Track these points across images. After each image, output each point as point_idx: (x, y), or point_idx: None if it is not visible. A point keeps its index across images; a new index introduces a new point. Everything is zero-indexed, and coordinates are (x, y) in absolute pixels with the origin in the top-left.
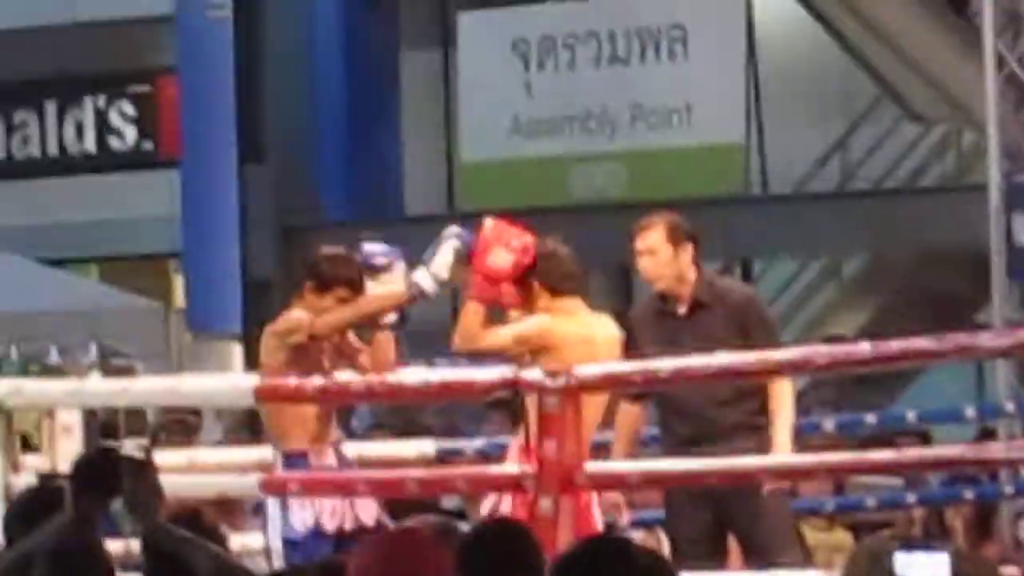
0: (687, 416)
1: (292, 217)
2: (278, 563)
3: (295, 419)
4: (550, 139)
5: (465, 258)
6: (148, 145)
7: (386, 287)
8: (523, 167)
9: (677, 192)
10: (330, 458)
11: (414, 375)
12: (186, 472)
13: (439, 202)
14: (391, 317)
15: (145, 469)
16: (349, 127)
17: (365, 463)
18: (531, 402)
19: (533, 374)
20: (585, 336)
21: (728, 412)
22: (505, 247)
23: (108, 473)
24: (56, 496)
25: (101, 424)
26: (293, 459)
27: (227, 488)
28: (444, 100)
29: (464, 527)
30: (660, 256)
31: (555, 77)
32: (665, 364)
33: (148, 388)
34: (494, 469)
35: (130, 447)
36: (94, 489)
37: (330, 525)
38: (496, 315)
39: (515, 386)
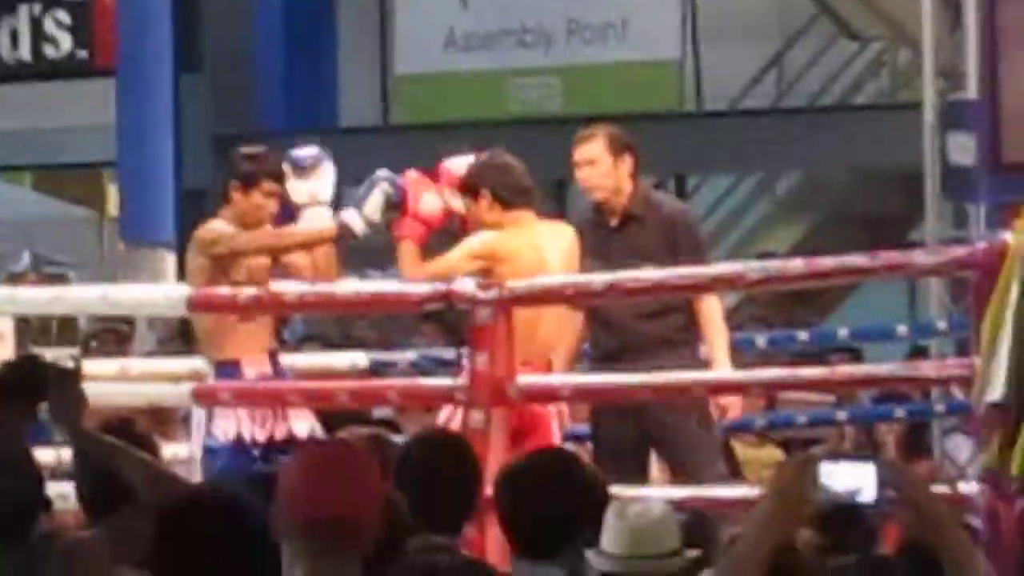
0: (611, 329)
1: (227, 126)
2: (197, 472)
3: (228, 329)
4: (486, 53)
5: (394, 204)
6: (83, 53)
7: (313, 185)
8: (458, 81)
9: (613, 107)
10: (265, 368)
11: (347, 286)
12: (118, 381)
13: (374, 114)
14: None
15: (69, 377)
16: (286, 37)
17: (298, 375)
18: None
19: (465, 285)
20: (535, 248)
21: (652, 325)
22: (434, 191)
23: (32, 380)
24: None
25: (33, 332)
26: (226, 368)
27: (159, 397)
28: (380, 12)
29: (395, 439)
30: (599, 167)
31: None
32: (598, 278)
33: (81, 296)
34: (426, 381)
35: (60, 356)
36: (18, 396)
37: (259, 436)
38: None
39: (448, 298)
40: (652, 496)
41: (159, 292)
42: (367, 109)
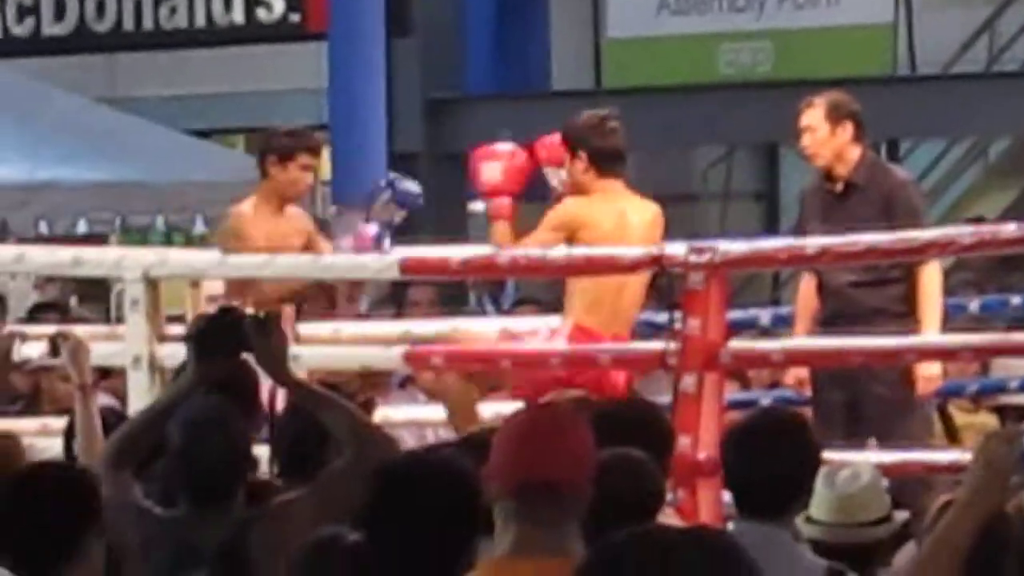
0: (828, 294)
1: (438, 90)
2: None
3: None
4: (698, 16)
5: (401, 203)
6: (295, 17)
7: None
8: (670, 45)
9: (824, 72)
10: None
11: (558, 251)
12: (330, 344)
13: (586, 78)
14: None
15: (267, 324)
16: (497, 1)
17: (511, 338)
18: None
19: (677, 249)
20: (618, 214)
21: (869, 294)
22: (489, 159)
23: (233, 331)
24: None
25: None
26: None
27: (370, 361)
28: None
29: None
30: (818, 133)
31: None
32: (811, 242)
33: (293, 261)
34: (638, 346)
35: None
36: (220, 348)
37: None
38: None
39: (659, 263)
40: (860, 462)
41: (371, 256)
42: (578, 73)
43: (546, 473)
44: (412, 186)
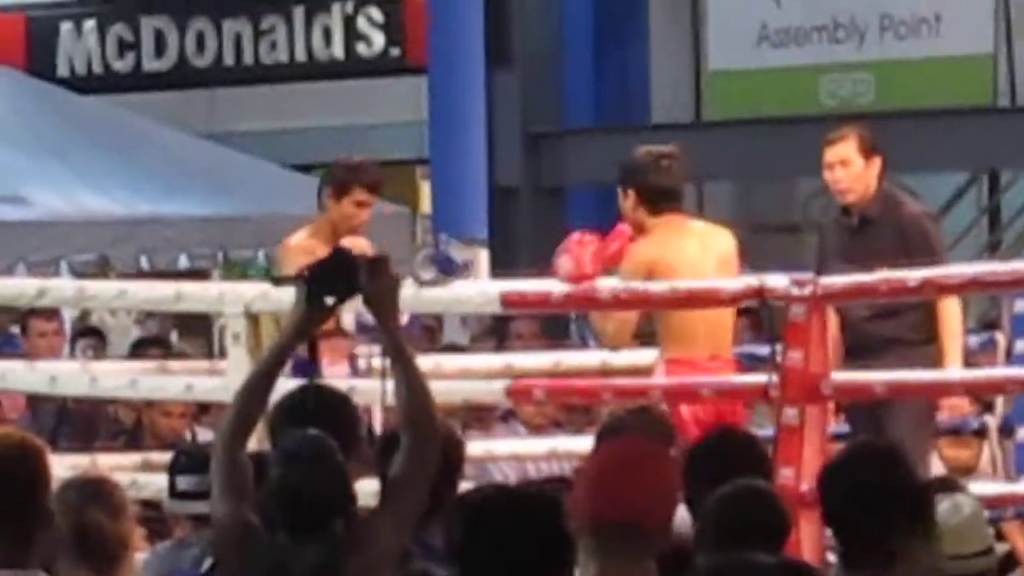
0: (847, 329)
1: (538, 124)
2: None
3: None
4: (798, 48)
5: (447, 273)
6: (395, 51)
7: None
8: (770, 76)
9: (925, 102)
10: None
11: (660, 285)
12: (432, 378)
13: (686, 111)
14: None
15: (381, 264)
16: (596, 34)
17: (611, 371)
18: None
19: (779, 281)
20: (689, 256)
21: (882, 325)
22: (563, 255)
23: (346, 270)
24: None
25: None
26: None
27: (473, 394)
28: (692, 8)
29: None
30: (852, 168)
31: None
32: (912, 274)
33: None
34: (739, 378)
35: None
36: (333, 287)
37: None
38: None
39: (761, 295)
40: (960, 494)
41: (473, 289)
42: (679, 105)
43: (624, 511)
44: (456, 255)
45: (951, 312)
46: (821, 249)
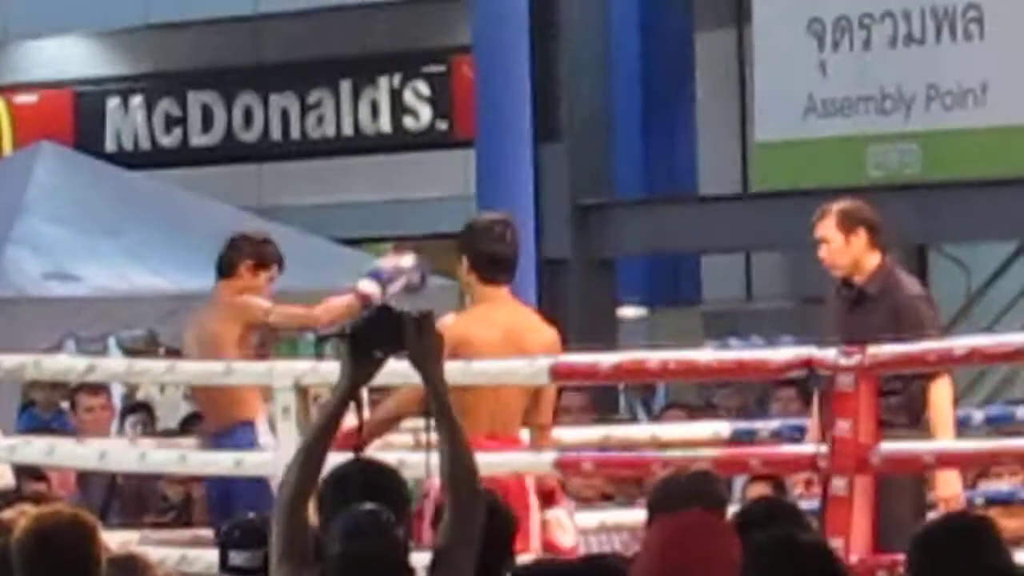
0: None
1: (586, 196)
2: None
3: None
4: (844, 119)
5: (417, 289)
6: (443, 125)
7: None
8: (817, 147)
9: (971, 172)
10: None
11: (708, 354)
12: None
13: (733, 182)
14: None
15: (426, 322)
16: (644, 106)
17: (660, 444)
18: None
19: (827, 353)
20: (504, 332)
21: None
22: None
23: (390, 329)
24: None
25: None
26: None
27: (522, 466)
28: (739, 79)
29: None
30: (833, 244)
31: (850, 57)
32: (959, 343)
33: (446, 368)
34: (788, 449)
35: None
36: (377, 344)
37: None
38: None
39: (809, 365)
40: None
41: (523, 361)
42: (726, 177)
43: None
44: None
45: (940, 392)
46: (824, 320)
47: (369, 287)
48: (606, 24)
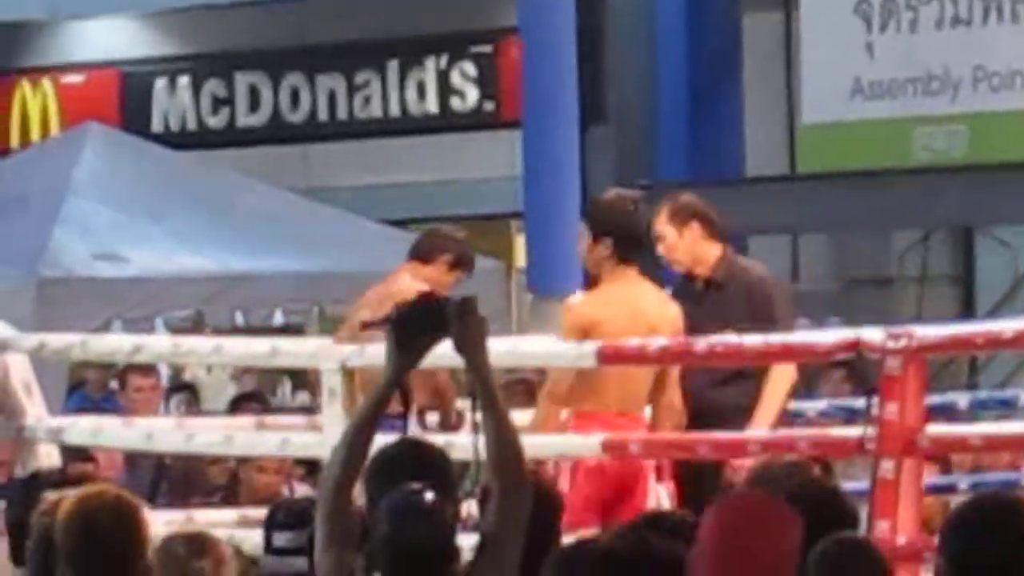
0: (690, 395)
1: (632, 178)
2: None
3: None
4: (891, 101)
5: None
6: (490, 106)
7: None
8: (864, 129)
9: (1019, 154)
10: None
11: (755, 338)
12: (527, 432)
13: (780, 164)
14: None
15: (469, 307)
16: (690, 88)
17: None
18: None
19: (874, 335)
20: (633, 312)
21: (728, 392)
22: None
23: (434, 314)
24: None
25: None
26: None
27: (569, 449)
28: (785, 62)
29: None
30: (667, 240)
31: (897, 39)
32: (1008, 326)
33: (492, 351)
34: (836, 431)
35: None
36: (422, 330)
37: None
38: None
39: (857, 348)
40: None
41: (569, 344)
42: (773, 159)
43: (749, 570)
44: None
45: (776, 377)
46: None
47: None
48: (653, 5)
